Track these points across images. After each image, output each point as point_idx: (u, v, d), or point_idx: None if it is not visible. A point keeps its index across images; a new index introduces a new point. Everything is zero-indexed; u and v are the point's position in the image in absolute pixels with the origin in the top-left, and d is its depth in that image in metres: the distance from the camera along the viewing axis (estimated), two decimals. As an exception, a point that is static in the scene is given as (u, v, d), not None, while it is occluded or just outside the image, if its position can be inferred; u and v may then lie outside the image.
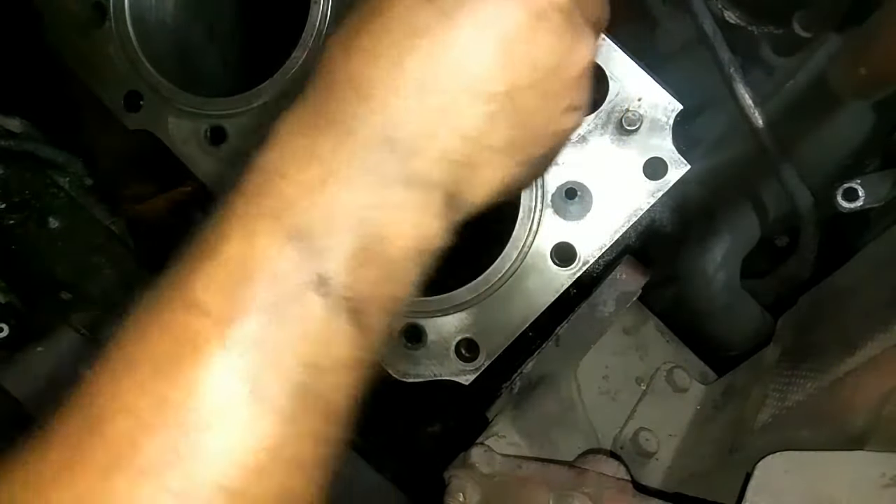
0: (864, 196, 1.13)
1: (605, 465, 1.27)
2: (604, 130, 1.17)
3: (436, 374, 1.25)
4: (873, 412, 0.90)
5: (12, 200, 1.43)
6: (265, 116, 1.30)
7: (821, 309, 1.24)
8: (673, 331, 1.54)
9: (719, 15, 1.36)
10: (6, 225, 1.43)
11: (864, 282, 1.14)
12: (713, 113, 1.48)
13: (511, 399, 1.38)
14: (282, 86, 1.29)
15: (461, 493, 1.26)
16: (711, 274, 1.35)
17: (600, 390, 1.42)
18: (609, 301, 1.38)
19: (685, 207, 1.56)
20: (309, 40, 1.27)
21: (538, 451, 1.34)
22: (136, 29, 1.36)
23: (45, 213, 1.44)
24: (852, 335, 0.99)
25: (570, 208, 1.19)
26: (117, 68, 1.36)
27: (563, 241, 1.20)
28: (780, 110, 1.32)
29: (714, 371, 1.51)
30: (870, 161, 1.32)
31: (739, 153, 1.42)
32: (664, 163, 1.15)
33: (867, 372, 0.94)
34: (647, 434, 1.37)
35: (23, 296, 1.39)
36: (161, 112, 1.34)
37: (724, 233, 1.37)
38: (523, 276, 1.21)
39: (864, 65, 1.17)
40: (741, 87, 1.23)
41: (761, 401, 1.13)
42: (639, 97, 1.15)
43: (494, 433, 1.35)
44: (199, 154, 1.33)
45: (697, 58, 1.44)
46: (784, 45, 1.35)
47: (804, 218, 1.28)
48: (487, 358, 1.23)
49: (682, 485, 1.28)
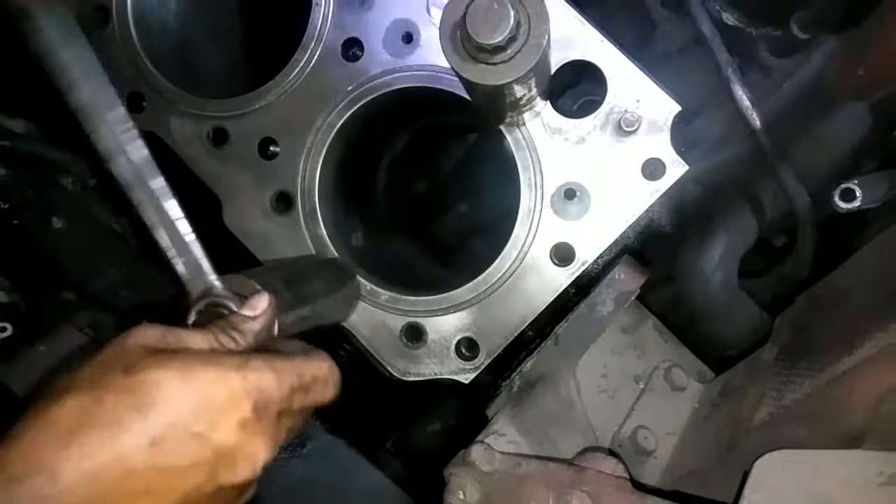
0: (862, 196, 1.13)
1: (604, 463, 1.28)
2: (602, 131, 1.17)
3: (436, 373, 1.26)
4: (870, 411, 0.91)
5: (15, 200, 1.44)
6: (267, 117, 1.31)
7: (818, 308, 1.25)
8: (671, 330, 1.54)
9: (717, 17, 1.37)
10: (9, 224, 1.43)
11: (861, 282, 1.15)
12: (711, 114, 1.48)
13: (510, 398, 1.39)
14: (283, 87, 1.30)
15: (461, 490, 1.27)
16: (709, 273, 1.35)
17: (599, 389, 1.43)
18: (608, 300, 1.39)
19: (683, 208, 1.57)
20: (310, 42, 1.28)
21: (537, 449, 1.35)
22: (138, 31, 1.37)
23: (48, 213, 1.45)
24: (849, 334, 1.00)
25: (569, 208, 1.20)
26: (120, 70, 1.37)
27: (562, 242, 1.20)
28: (777, 111, 1.32)
29: (712, 370, 1.52)
30: (867, 162, 1.33)
31: (737, 154, 1.43)
32: (662, 163, 1.16)
33: (864, 371, 0.95)
34: (645, 432, 1.38)
35: (26, 295, 1.40)
36: (163, 113, 1.35)
37: (722, 233, 1.37)
38: (523, 275, 1.22)
39: (862, 66, 1.18)
40: (739, 89, 1.24)
41: (759, 399, 1.13)
42: (637, 98, 1.16)
43: (494, 431, 1.36)
44: (201, 155, 1.34)
45: (696, 59, 1.45)
46: (782, 47, 1.36)
47: (801, 218, 1.28)
48: (487, 357, 1.24)
49: (679, 482, 1.29)
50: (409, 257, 1.79)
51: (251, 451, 0.80)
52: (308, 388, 0.89)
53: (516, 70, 0.92)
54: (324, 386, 0.92)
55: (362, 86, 1.26)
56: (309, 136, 1.29)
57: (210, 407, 0.77)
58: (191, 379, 0.76)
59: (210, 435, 0.76)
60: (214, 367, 0.78)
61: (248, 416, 0.79)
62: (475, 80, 0.93)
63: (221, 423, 0.77)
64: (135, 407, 0.73)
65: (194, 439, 0.76)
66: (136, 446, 0.72)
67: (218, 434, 0.77)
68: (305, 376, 0.89)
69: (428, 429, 1.61)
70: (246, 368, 0.80)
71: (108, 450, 0.71)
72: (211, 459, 0.77)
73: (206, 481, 0.77)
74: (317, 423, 1.38)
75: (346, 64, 1.27)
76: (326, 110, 1.28)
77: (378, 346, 1.27)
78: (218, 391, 0.77)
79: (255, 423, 0.80)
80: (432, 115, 1.62)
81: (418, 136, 1.71)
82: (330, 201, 1.35)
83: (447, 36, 0.92)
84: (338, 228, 1.36)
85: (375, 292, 1.27)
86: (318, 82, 1.28)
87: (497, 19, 0.87)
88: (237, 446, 0.78)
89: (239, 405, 0.79)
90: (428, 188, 1.88)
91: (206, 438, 0.76)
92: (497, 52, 0.90)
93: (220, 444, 0.77)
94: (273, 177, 1.31)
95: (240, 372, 0.79)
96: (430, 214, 1.86)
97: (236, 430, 0.78)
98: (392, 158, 1.72)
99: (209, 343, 0.84)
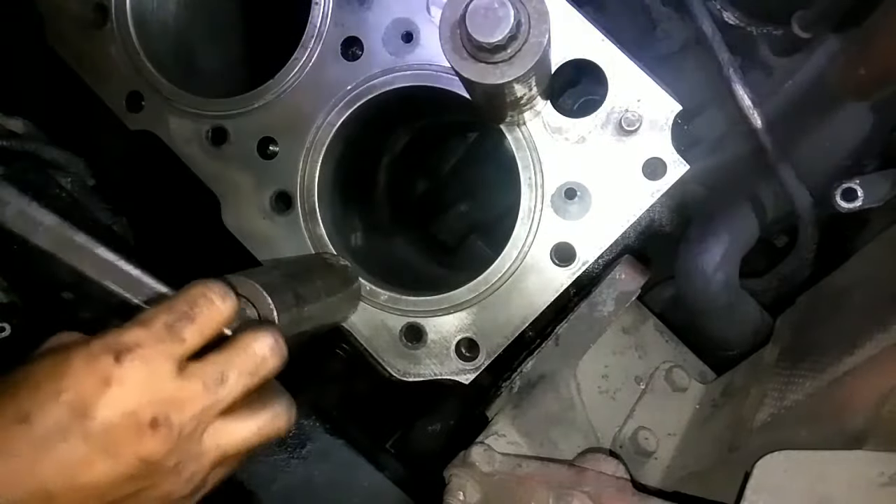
0: (863, 196, 1.13)
1: (605, 463, 1.28)
2: (603, 131, 1.17)
3: (436, 373, 1.25)
4: (872, 411, 0.90)
5: (14, 200, 1.43)
6: (266, 117, 1.31)
7: (819, 308, 1.25)
8: (672, 330, 1.54)
9: (718, 16, 1.36)
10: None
11: (863, 282, 1.15)
12: (712, 113, 1.48)
13: (511, 398, 1.39)
14: (283, 86, 1.29)
15: (461, 491, 1.27)
16: (710, 274, 1.35)
17: (600, 389, 1.43)
18: (608, 301, 1.39)
19: (684, 207, 1.57)
20: (310, 41, 1.28)
21: (538, 449, 1.34)
22: (137, 30, 1.37)
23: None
24: (851, 335, 0.99)
25: (569, 208, 1.20)
26: (119, 69, 1.36)
27: (563, 241, 1.20)
28: (778, 111, 1.32)
29: (713, 370, 1.51)
30: (868, 161, 1.33)
31: (738, 153, 1.42)
32: (663, 163, 1.15)
33: (866, 371, 0.94)
34: (646, 433, 1.37)
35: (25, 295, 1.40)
36: (162, 112, 1.35)
37: (724, 233, 1.37)
38: (523, 275, 1.21)
39: (863, 65, 1.17)
40: (740, 88, 1.23)
41: (760, 400, 1.13)
42: (638, 98, 1.15)
43: (494, 432, 1.36)
44: (200, 154, 1.34)
45: (697, 58, 1.45)
46: (783, 46, 1.35)
47: (803, 218, 1.28)
48: (487, 357, 1.24)
49: (680, 483, 1.28)
50: (409, 257, 1.78)
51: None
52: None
53: (516, 69, 0.91)
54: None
55: (362, 85, 1.26)
56: (308, 136, 1.28)
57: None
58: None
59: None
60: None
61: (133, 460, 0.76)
62: (475, 80, 0.92)
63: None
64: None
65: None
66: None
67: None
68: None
69: (428, 429, 1.61)
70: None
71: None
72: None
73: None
74: (317, 424, 1.37)
75: (345, 63, 1.27)
76: (326, 109, 1.27)
77: (378, 346, 1.27)
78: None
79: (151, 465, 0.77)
80: (432, 115, 1.62)
81: (418, 136, 1.71)
82: (329, 201, 1.35)
83: (447, 35, 0.91)
84: (337, 228, 1.36)
85: (375, 292, 1.26)
86: (317, 81, 1.28)
87: (497, 18, 0.86)
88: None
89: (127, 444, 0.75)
90: (428, 188, 1.88)
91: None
92: (497, 51, 0.89)
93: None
94: (272, 176, 1.31)
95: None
96: (431, 214, 1.86)
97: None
98: (392, 158, 1.72)
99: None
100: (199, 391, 0.78)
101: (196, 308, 0.81)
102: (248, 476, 1.33)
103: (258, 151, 1.31)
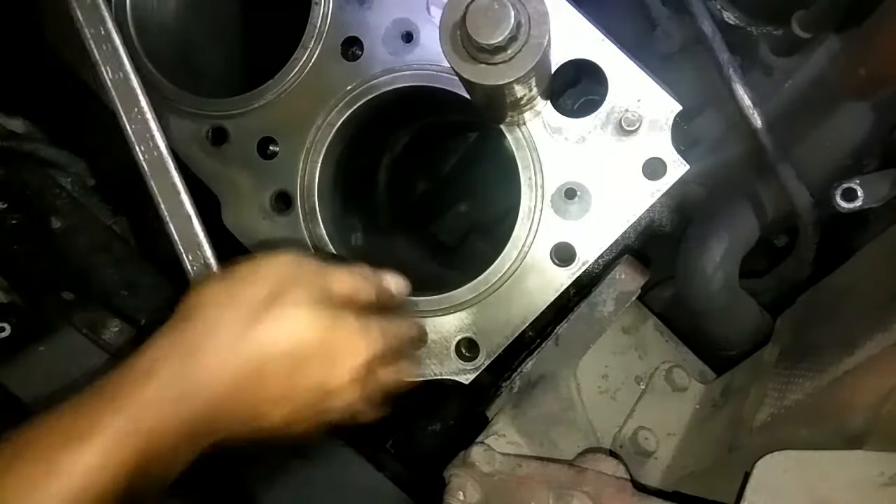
0: (863, 196, 1.13)
1: (605, 463, 1.28)
2: (603, 131, 1.17)
3: (436, 373, 1.25)
4: (872, 411, 0.90)
5: (14, 200, 1.43)
6: (266, 117, 1.31)
7: (819, 308, 1.25)
8: (672, 330, 1.54)
9: (718, 16, 1.36)
10: (8, 225, 1.43)
11: (863, 282, 1.15)
12: (712, 113, 1.48)
13: (511, 398, 1.39)
14: (283, 86, 1.29)
15: (461, 491, 1.27)
16: (710, 273, 1.35)
17: (600, 389, 1.43)
18: (608, 300, 1.39)
19: (684, 207, 1.57)
20: (310, 41, 1.28)
21: (538, 449, 1.35)
22: (137, 29, 1.37)
23: (47, 213, 1.44)
24: (851, 335, 0.99)
25: (569, 208, 1.20)
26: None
27: (563, 241, 1.20)
28: (779, 110, 1.32)
29: (713, 370, 1.51)
30: (869, 161, 1.32)
31: (738, 153, 1.42)
32: (663, 163, 1.16)
33: (866, 371, 0.94)
34: (646, 433, 1.37)
35: (25, 295, 1.40)
36: (162, 112, 1.34)
37: (723, 232, 1.37)
38: (523, 275, 1.21)
39: (864, 65, 1.17)
40: (740, 88, 1.23)
41: (760, 400, 1.13)
42: (638, 98, 1.15)
43: (494, 432, 1.36)
44: (200, 154, 1.34)
45: (696, 58, 1.45)
46: (783, 46, 1.35)
47: (803, 218, 1.28)
48: (487, 357, 1.24)
49: (681, 483, 1.28)
50: (409, 257, 1.78)
51: (349, 394, 0.98)
52: (401, 349, 1.09)
53: (516, 70, 0.91)
54: (412, 344, 1.18)
55: (362, 85, 1.26)
56: (308, 136, 1.28)
57: (340, 349, 0.95)
58: (331, 324, 0.95)
59: (331, 370, 0.95)
60: (355, 317, 0.97)
61: (359, 367, 0.97)
62: (475, 80, 0.92)
63: (341, 364, 0.95)
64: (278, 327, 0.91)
65: (321, 368, 0.94)
66: (280, 353, 0.90)
67: (338, 370, 0.95)
68: (404, 338, 1.10)
69: (428, 429, 1.61)
70: (373, 327, 1.00)
71: (271, 345, 0.90)
72: (323, 390, 0.95)
73: (310, 405, 0.95)
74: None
75: (345, 63, 1.27)
76: (326, 109, 1.27)
77: (378, 346, 1.27)
78: (351, 339, 0.96)
79: (363, 373, 0.98)
80: (432, 115, 1.62)
81: (418, 136, 1.71)
82: (330, 201, 1.35)
83: (447, 35, 0.91)
84: (337, 228, 1.36)
85: (375, 292, 1.26)
86: (317, 81, 1.28)
87: (497, 19, 0.86)
88: (341, 386, 0.97)
89: (358, 356, 0.97)
90: (428, 188, 1.88)
91: (328, 371, 0.95)
92: (497, 51, 0.89)
93: (335, 379, 0.95)
94: (272, 176, 1.31)
95: (369, 329, 0.99)
96: (431, 214, 1.86)
97: (347, 374, 0.96)
98: (392, 158, 1.72)
99: (350, 288, 1.01)
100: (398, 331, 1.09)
101: (374, 277, 1.10)
102: (248, 476, 1.33)
103: (258, 151, 1.31)
